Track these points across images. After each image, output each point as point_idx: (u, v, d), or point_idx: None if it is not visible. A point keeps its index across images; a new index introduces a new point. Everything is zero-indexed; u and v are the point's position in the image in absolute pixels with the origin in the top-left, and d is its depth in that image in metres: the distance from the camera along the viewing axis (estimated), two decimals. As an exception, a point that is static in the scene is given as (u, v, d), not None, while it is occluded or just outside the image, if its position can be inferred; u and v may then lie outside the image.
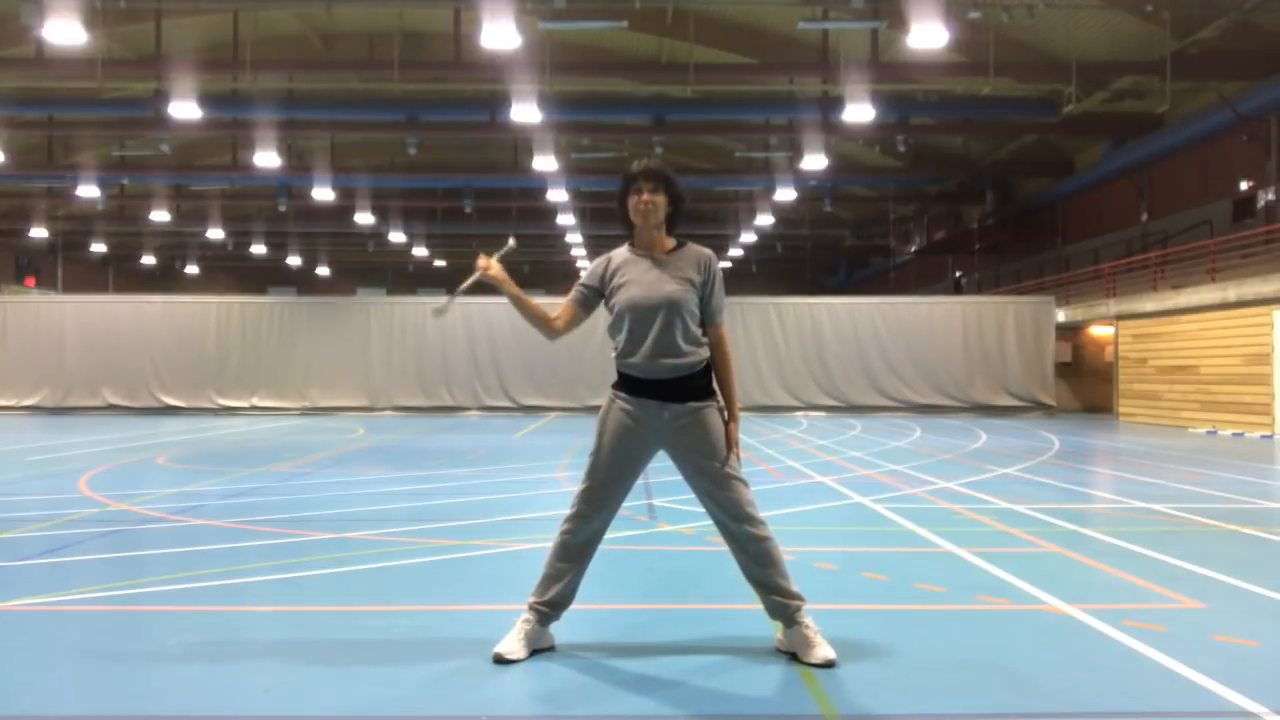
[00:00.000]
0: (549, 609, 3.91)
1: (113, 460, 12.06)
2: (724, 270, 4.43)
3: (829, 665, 3.72)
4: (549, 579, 3.92)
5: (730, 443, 3.89)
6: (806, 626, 3.82)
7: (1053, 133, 24.98)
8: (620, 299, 3.88)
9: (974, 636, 4.23)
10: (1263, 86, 18.92)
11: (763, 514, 3.91)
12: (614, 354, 3.96)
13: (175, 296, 27.22)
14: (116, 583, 5.24)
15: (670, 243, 3.99)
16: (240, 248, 41.79)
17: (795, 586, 3.88)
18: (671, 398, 3.83)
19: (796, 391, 24.50)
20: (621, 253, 4.01)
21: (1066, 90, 20.37)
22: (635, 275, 3.89)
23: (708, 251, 3.98)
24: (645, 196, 3.89)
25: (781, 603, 3.85)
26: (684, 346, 3.82)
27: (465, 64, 20.20)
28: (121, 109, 24.10)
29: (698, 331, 3.89)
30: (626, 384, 3.90)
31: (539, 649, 3.90)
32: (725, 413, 3.94)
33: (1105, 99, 22.07)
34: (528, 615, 3.90)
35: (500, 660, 3.77)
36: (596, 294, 4.00)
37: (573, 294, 4.05)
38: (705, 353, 3.91)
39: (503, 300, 4.08)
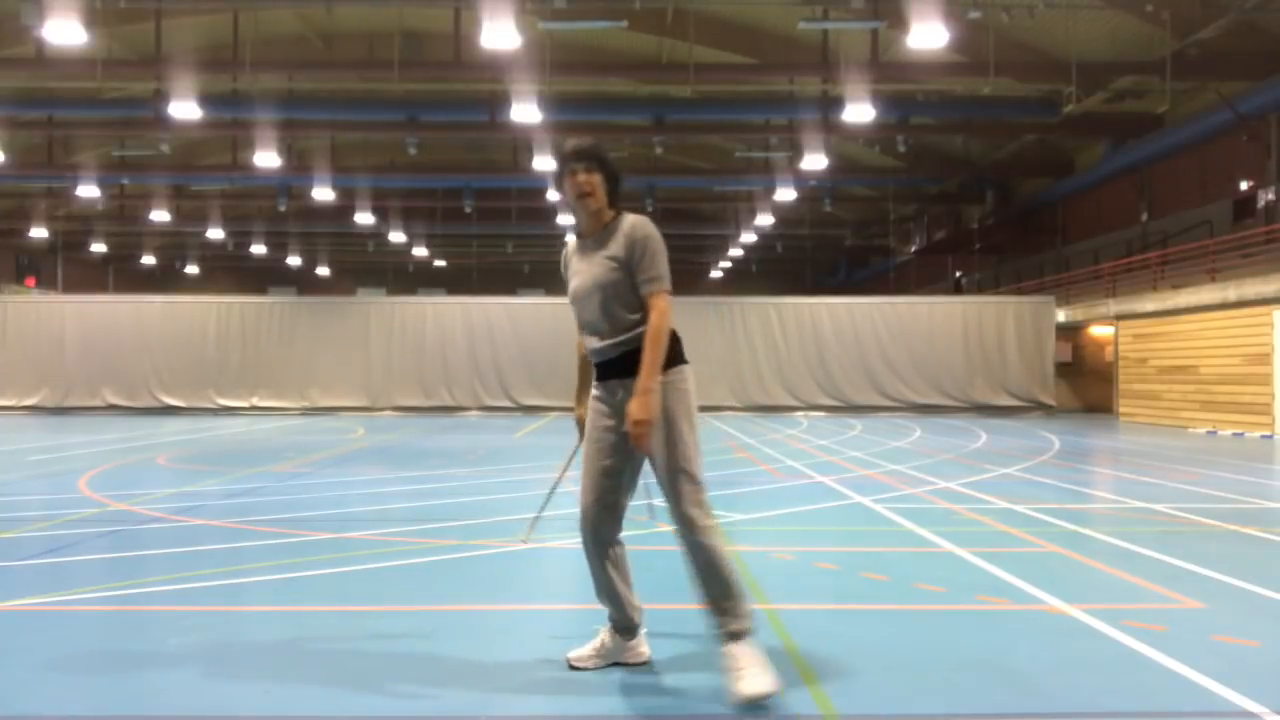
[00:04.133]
0: (611, 620, 3.86)
1: (113, 460, 12.05)
2: (723, 270, 4.35)
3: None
4: (596, 589, 3.85)
5: (632, 417, 3.49)
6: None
7: (1053, 133, 24.96)
8: (569, 292, 3.81)
9: (974, 636, 4.23)
10: (1263, 86, 18.92)
11: (702, 508, 3.57)
12: None
13: (175, 297, 27.21)
14: (116, 583, 5.24)
15: (610, 216, 3.71)
16: (240, 248, 41.77)
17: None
18: (626, 374, 3.65)
19: (796, 391, 24.50)
20: (571, 243, 3.88)
21: (1066, 90, 20.36)
22: (577, 265, 3.76)
23: (635, 218, 3.66)
24: (581, 178, 3.63)
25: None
26: (615, 326, 3.64)
27: (465, 64, 20.19)
28: (121, 109, 24.10)
29: (633, 307, 3.62)
30: (595, 370, 3.85)
31: (617, 662, 3.82)
32: (666, 387, 3.57)
33: (1105, 99, 22.06)
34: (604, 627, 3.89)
35: (572, 667, 3.76)
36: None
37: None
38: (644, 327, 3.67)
39: (502, 300, 4.06)
